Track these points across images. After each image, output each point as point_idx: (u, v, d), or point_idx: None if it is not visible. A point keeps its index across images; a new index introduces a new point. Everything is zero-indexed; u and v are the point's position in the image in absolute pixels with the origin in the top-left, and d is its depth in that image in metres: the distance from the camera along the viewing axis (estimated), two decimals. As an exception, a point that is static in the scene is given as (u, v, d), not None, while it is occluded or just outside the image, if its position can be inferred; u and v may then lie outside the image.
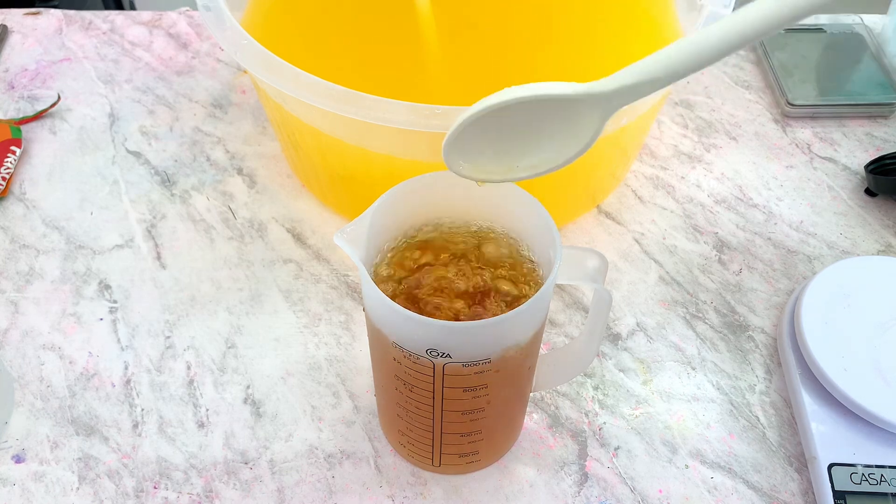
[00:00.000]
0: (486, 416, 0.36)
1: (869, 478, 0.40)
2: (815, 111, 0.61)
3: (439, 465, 0.40)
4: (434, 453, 0.39)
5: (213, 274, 0.50)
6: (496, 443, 0.41)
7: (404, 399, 0.36)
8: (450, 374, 0.33)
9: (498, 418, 0.38)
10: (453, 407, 0.35)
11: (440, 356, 0.32)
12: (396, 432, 0.40)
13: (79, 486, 0.41)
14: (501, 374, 0.34)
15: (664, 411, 0.44)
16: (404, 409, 0.37)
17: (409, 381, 0.34)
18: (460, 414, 0.36)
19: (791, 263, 0.52)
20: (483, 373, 0.33)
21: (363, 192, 0.51)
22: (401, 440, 0.40)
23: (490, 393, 0.35)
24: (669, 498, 0.41)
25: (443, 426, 0.37)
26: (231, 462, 0.42)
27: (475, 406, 0.35)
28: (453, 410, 0.35)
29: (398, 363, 0.34)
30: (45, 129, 0.59)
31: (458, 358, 0.32)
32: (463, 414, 0.36)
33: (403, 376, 0.34)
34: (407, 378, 0.34)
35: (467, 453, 0.39)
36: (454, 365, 0.32)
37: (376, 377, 0.39)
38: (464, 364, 0.32)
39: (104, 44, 0.66)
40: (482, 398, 0.35)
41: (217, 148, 0.58)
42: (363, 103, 0.40)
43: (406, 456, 0.42)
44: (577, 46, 0.49)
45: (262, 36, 0.44)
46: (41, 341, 0.47)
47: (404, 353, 0.33)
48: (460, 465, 0.41)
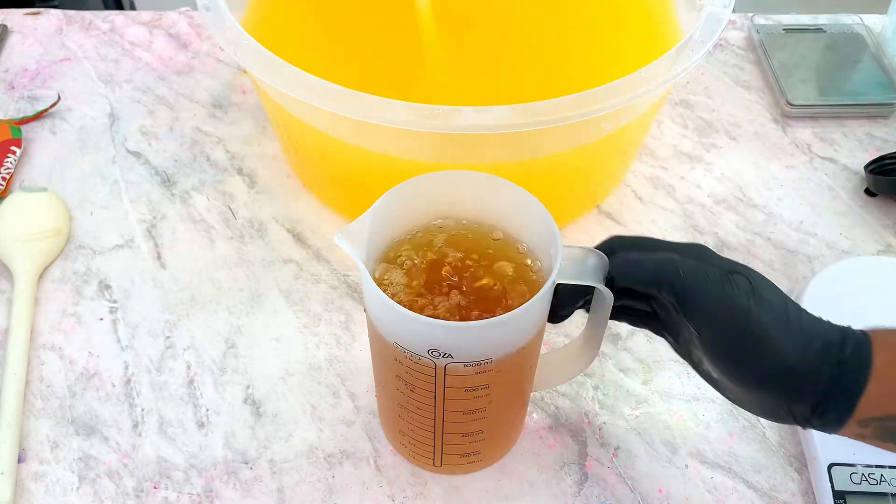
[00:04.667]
0: (488, 415, 0.36)
1: (869, 478, 0.40)
2: (815, 111, 0.61)
3: (441, 465, 0.40)
4: (435, 453, 0.39)
5: (213, 274, 0.50)
6: (497, 442, 0.41)
7: (405, 399, 0.36)
8: (451, 375, 0.33)
9: (499, 418, 0.38)
10: (455, 407, 0.35)
11: (441, 356, 0.32)
12: (397, 432, 0.40)
13: (79, 486, 0.41)
14: (503, 373, 0.34)
15: (664, 411, 0.44)
16: (405, 409, 0.37)
17: (410, 382, 0.34)
18: (462, 414, 0.36)
19: (791, 263, 0.52)
20: (484, 373, 0.33)
21: (363, 192, 0.51)
22: (402, 440, 0.40)
23: (491, 393, 0.35)
24: (669, 498, 0.41)
25: (444, 426, 0.37)
26: (231, 462, 0.42)
27: (476, 406, 0.35)
28: (455, 410, 0.35)
29: (399, 363, 0.34)
30: (45, 129, 0.59)
31: (459, 358, 0.32)
32: (464, 414, 0.36)
33: (405, 377, 0.34)
34: (408, 378, 0.34)
35: (469, 453, 0.39)
36: (455, 365, 0.32)
37: (377, 377, 0.39)
38: (465, 364, 0.32)
39: (104, 44, 0.66)
40: (483, 398, 0.35)
41: (217, 148, 0.58)
42: (363, 103, 0.40)
43: (407, 456, 0.42)
44: (576, 46, 0.49)
45: (262, 36, 0.44)
46: (41, 341, 0.47)
47: (405, 353, 0.33)
48: (462, 465, 0.41)
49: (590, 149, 0.47)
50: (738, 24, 0.69)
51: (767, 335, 0.30)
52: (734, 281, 0.31)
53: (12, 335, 0.46)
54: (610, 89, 0.41)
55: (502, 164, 0.46)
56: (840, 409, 0.30)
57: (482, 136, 0.42)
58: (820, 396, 0.30)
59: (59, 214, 0.52)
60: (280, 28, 0.51)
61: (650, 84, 0.41)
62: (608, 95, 0.41)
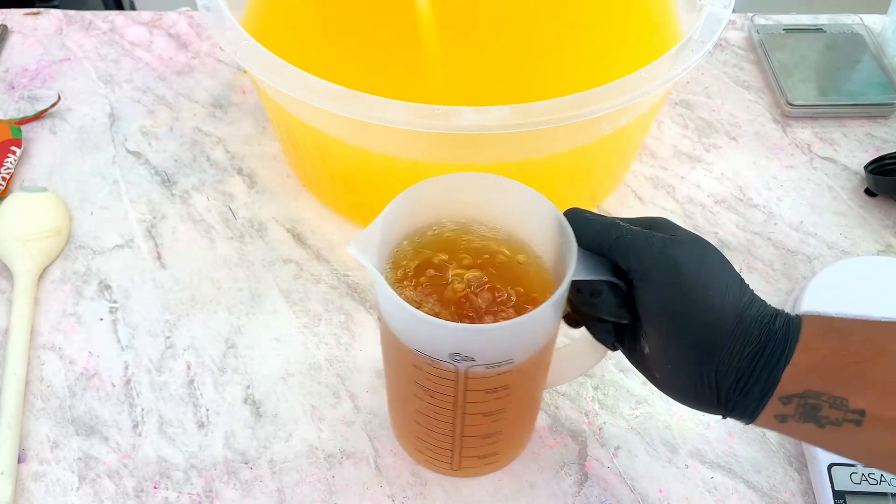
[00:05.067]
0: (507, 416, 0.36)
1: (869, 477, 0.40)
2: (815, 111, 0.61)
3: (459, 468, 0.40)
4: (454, 457, 0.39)
5: (213, 274, 0.50)
6: (515, 442, 0.40)
7: (423, 405, 0.35)
8: (473, 378, 0.32)
9: (517, 417, 0.37)
10: (475, 410, 0.35)
11: (463, 360, 0.31)
12: (414, 439, 0.40)
13: (79, 486, 0.41)
14: (522, 373, 0.33)
15: (664, 411, 0.44)
16: (423, 415, 0.36)
17: (429, 388, 0.34)
18: (482, 416, 0.35)
19: (791, 263, 0.52)
20: (505, 374, 0.33)
21: (363, 192, 0.51)
22: (418, 447, 0.40)
23: (511, 393, 0.34)
24: (669, 498, 0.41)
25: (464, 429, 0.36)
26: (231, 462, 0.42)
27: (496, 407, 0.35)
28: (475, 413, 0.35)
29: (418, 370, 0.33)
30: (45, 129, 0.59)
31: (482, 361, 0.31)
32: (484, 416, 0.35)
33: (424, 383, 0.34)
34: (427, 384, 0.34)
35: (487, 455, 0.39)
36: (477, 368, 0.32)
37: (391, 385, 0.39)
38: (487, 366, 0.32)
39: (104, 44, 0.66)
40: (503, 399, 0.34)
41: (217, 148, 0.58)
42: (363, 103, 0.40)
43: (424, 462, 0.41)
44: (576, 46, 0.49)
45: (262, 36, 0.44)
46: (41, 341, 0.47)
47: (426, 359, 0.32)
48: (479, 467, 0.40)
49: (589, 149, 0.47)
50: (738, 24, 0.69)
51: (706, 293, 0.31)
52: (682, 244, 0.32)
53: (12, 335, 0.46)
54: (610, 89, 0.41)
55: (502, 164, 0.46)
56: (763, 383, 0.30)
57: (482, 136, 0.42)
58: (745, 364, 0.30)
59: (59, 214, 0.52)
60: (280, 28, 0.51)
61: (650, 84, 0.41)
62: (608, 95, 0.41)
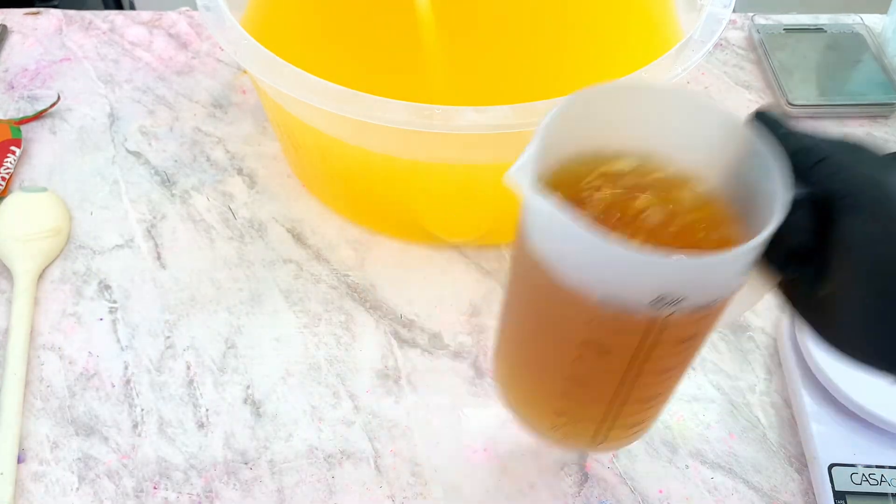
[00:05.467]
0: (677, 373, 0.31)
1: (869, 478, 0.40)
2: (815, 111, 0.61)
3: (605, 440, 0.34)
4: (602, 428, 0.33)
5: (213, 274, 0.50)
6: (663, 407, 0.35)
7: (586, 369, 0.29)
8: (671, 326, 0.27)
9: (682, 374, 0.32)
10: (654, 367, 0.29)
11: (668, 304, 0.25)
12: (552, 415, 0.33)
13: (79, 486, 0.41)
14: (713, 316, 0.28)
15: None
16: (579, 383, 0.30)
17: (606, 345, 0.28)
18: (656, 375, 0.30)
19: (791, 263, 0.52)
20: (704, 317, 0.27)
21: (363, 192, 0.51)
22: (556, 423, 0.34)
23: (697, 343, 0.29)
24: (669, 498, 0.41)
25: (632, 392, 0.30)
26: (231, 462, 0.42)
27: (676, 362, 0.30)
28: (651, 372, 0.29)
29: (599, 325, 0.27)
30: (45, 129, 0.59)
31: (691, 302, 0.26)
32: (658, 374, 0.30)
33: (601, 339, 0.28)
34: (606, 340, 0.28)
35: (637, 423, 0.34)
36: (682, 312, 0.26)
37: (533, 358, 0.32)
38: (694, 310, 0.26)
39: (104, 44, 0.66)
40: (689, 350, 0.29)
41: (217, 148, 0.58)
42: (363, 103, 0.40)
43: (558, 439, 0.35)
44: (576, 46, 0.49)
45: (262, 36, 0.44)
46: (41, 341, 0.47)
47: (615, 309, 0.26)
48: (621, 440, 0.35)
49: (590, 149, 0.47)
50: (739, 24, 0.69)
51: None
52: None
53: (12, 335, 0.46)
54: (610, 89, 0.41)
55: (502, 165, 0.46)
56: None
57: (482, 136, 0.42)
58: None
59: (59, 214, 0.52)
60: (280, 28, 0.51)
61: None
62: (608, 95, 0.40)
